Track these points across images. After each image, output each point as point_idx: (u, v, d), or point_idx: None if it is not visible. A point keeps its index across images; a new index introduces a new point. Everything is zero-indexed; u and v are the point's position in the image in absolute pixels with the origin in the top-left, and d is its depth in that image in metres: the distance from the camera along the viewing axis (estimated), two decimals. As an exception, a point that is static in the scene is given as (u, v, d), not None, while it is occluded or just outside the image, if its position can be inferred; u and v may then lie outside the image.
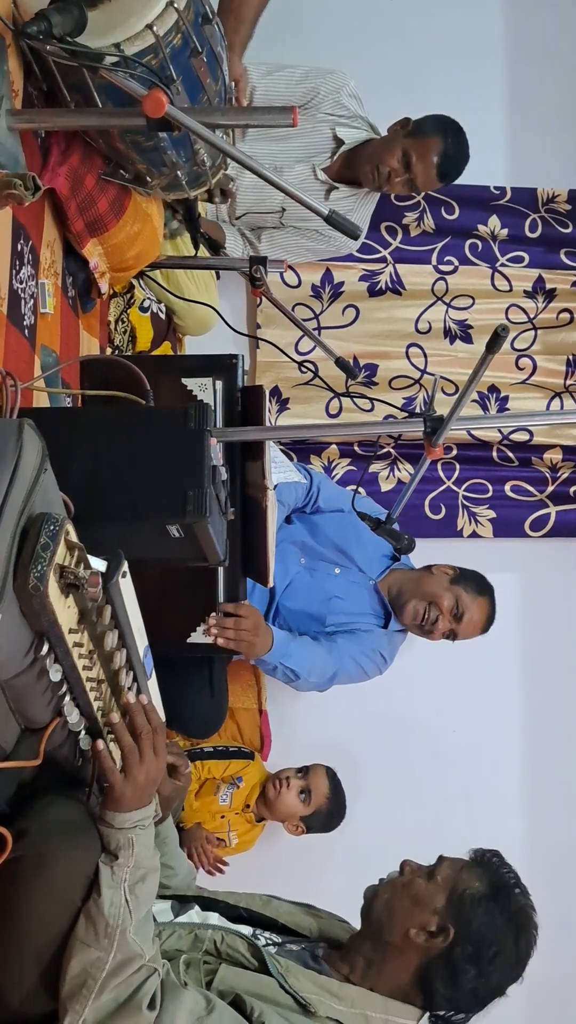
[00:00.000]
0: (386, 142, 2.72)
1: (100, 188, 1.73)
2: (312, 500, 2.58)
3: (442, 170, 2.68)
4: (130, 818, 1.26)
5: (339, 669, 2.42)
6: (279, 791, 2.58)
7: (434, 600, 2.47)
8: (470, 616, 2.48)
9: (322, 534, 2.56)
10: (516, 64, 3.32)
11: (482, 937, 1.43)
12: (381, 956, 1.48)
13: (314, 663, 2.33)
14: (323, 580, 2.52)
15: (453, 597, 2.47)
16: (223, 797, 2.60)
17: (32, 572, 0.97)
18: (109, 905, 1.21)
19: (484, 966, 1.43)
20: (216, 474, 1.44)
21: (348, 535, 2.54)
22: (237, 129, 2.41)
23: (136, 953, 1.23)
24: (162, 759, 1.32)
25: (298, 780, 2.59)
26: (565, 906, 2.84)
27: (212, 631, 1.98)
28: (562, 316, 3.24)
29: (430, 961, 1.44)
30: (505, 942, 1.45)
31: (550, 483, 3.20)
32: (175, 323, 2.58)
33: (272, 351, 2.97)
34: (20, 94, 1.53)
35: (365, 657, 2.48)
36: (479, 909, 1.44)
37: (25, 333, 1.60)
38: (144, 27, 1.43)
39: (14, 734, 1.16)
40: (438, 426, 1.66)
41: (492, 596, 2.54)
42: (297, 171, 2.80)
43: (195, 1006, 1.26)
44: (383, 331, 3.19)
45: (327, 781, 2.61)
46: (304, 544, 2.53)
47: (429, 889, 1.47)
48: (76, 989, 1.18)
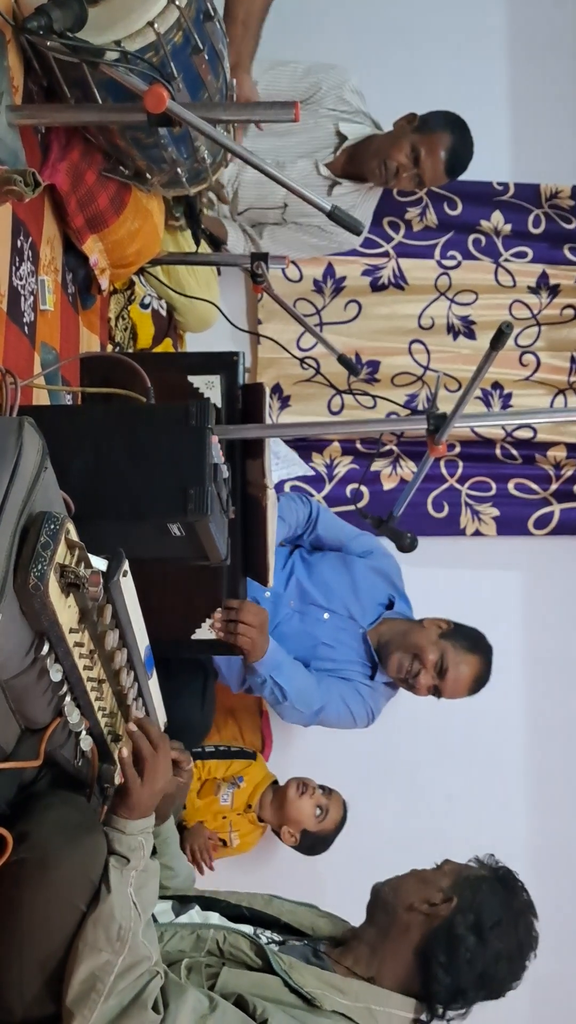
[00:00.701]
0: (393, 137, 2.71)
1: (100, 184, 1.73)
2: (312, 527, 2.54)
3: (450, 165, 2.68)
4: (138, 825, 1.30)
5: (326, 704, 2.36)
6: (301, 794, 2.56)
7: (418, 653, 2.36)
8: (455, 674, 2.36)
9: (317, 575, 2.50)
10: (519, 60, 3.30)
11: (483, 906, 1.48)
12: (383, 937, 1.51)
13: (302, 689, 2.28)
14: (312, 625, 2.45)
15: (439, 652, 2.36)
16: (224, 797, 2.59)
17: (32, 571, 0.96)
18: (120, 908, 1.21)
19: (485, 934, 1.46)
20: (217, 472, 1.43)
21: (343, 580, 2.49)
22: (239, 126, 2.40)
23: (144, 955, 1.24)
24: (170, 768, 1.39)
25: (321, 796, 2.57)
26: (568, 905, 2.84)
27: (217, 626, 1.97)
28: (566, 312, 3.23)
29: (432, 933, 1.47)
30: (505, 916, 1.49)
31: (554, 481, 3.18)
32: (176, 320, 2.57)
33: (273, 348, 2.97)
34: (20, 90, 1.52)
35: (354, 702, 2.42)
36: (483, 885, 1.51)
37: (25, 330, 1.59)
38: (145, 24, 1.42)
39: (14, 734, 1.15)
40: (441, 424, 1.65)
41: (486, 655, 2.42)
42: (300, 166, 2.80)
43: (198, 1004, 1.26)
44: (386, 327, 3.18)
45: (342, 812, 2.59)
46: (299, 584, 2.47)
47: (436, 873, 1.56)
48: (84, 994, 1.18)
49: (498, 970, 1.47)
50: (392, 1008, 1.45)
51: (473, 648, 2.40)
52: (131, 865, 1.25)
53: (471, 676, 2.39)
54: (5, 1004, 1.20)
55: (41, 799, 1.25)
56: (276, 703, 2.29)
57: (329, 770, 2.70)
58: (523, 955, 1.50)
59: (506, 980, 1.49)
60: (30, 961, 1.19)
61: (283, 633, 2.41)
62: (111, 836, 1.28)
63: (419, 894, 1.51)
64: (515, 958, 1.49)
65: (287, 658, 2.25)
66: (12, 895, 1.16)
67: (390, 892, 1.55)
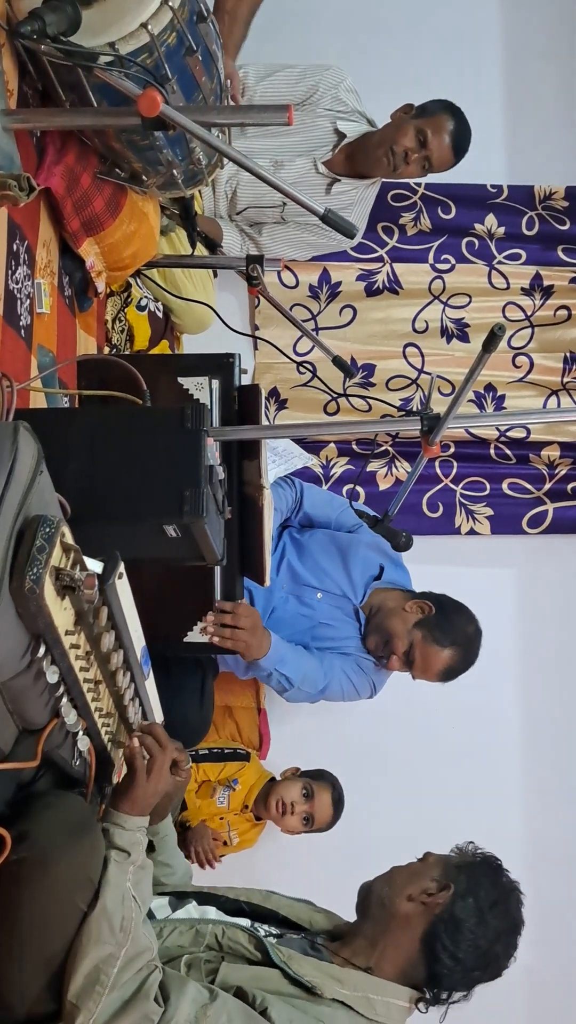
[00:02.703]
0: (396, 125, 2.73)
1: (96, 187, 1.73)
2: (298, 507, 2.55)
3: (455, 144, 2.69)
4: (139, 821, 1.33)
5: (330, 682, 2.39)
6: (283, 815, 2.56)
7: (390, 639, 2.39)
8: (423, 664, 2.38)
9: (308, 556, 2.50)
10: (513, 61, 3.31)
11: (479, 889, 1.52)
12: (383, 930, 1.53)
13: (307, 672, 2.31)
14: (307, 607, 2.47)
15: (408, 641, 2.37)
16: (220, 799, 2.60)
17: (28, 574, 0.97)
18: (122, 900, 1.23)
19: (485, 915, 1.50)
20: (213, 474, 1.44)
21: (333, 558, 2.50)
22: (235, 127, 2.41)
23: (145, 946, 1.26)
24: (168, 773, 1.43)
25: (303, 806, 2.57)
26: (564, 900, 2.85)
27: (209, 629, 1.98)
28: (559, 313, 3.24)
29: (435, 919, 1.50)
30: (499, 896, 1.53)
31: (547, 480, 3.19)
32: (173, 322, 2.57)
33: (270, 353, 2.98)
34: (15, 94, 1.53)
35: (356, 675, 2.45)
36: (474, 870, 1.55)
37: (21, 333, 1.59)
38: (139, 26, 1.42)
39: (12, 735, 1.16)
40: (435, 424, 1.66)
41: (464, 647, 2.40)
42: (298, 165, 2.81)
43: (199, 995, 1.28)
44: (380, 331, 3.19)
45: (331, 809, 2.59)
46: (290, 566, 2.49)
47: (424, 865, 1.59)
48: (88, 987, 1.19)
49: (498, 948, 1.52)
50: (390, 997, 1.47)
51: (446, 640, 2.37)
52: (131, 859, 1.28)
53: (438, 669, 2.40)
54: (6, 1003, 1.20)
55: (40, 799, 1.25)
56: (283, 691, 2.33)
57: (325, 765, 2.71)
58: (517, 931, 1.55)
59: (503, 958, 1.53)
60: (30, 960, 1.19)
61: (279, 618, 2.43)
62: (112, 831, 1.30)
63: (415, 886, 1.53)
64: (511, 934, 1.54)
65: (288, 648, 2.27)
66: (12, 894, 1.16)
67: (383, 887, 1.57)
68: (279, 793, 2.58)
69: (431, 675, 2.42)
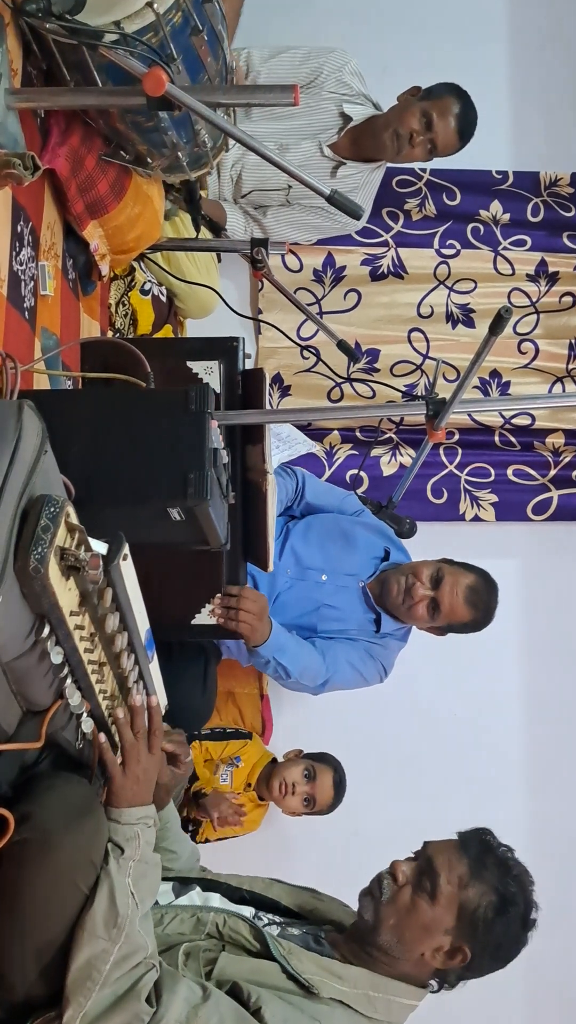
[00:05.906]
0: (401, 108, 2.72)
1: (100, 169, 1.72)
2: (300, 497, 2.55)
3: (461, 128, 2.67)
4: (133, 814, 1.31)
5: (332, 676, 2.37)
6: (284, 796, 2.57)
7: (414, 570, 2.37)
8: (452, 581, 2.31)
9: (311, 539, 2.49)
10: (518, 47, 3.29)
11: (498, 946, 1.47)
12: (392, 961, 1.48)
13: (307, 666, 2.29)
14: (312, 590, 2.45)
15: (435, 567, 2.34)
16: (223, 777, 2.61)
17: (32, 554, 0.96)
18: (118, 896, 1.22)
19: (501, 960, 1.49)
20: (217, 457, 1.43)
21: (337, 540, 2.48)
22: (240, 109, 2.40)
23: (140, 946, 1.24)
24: (157, 757, 1.38)
25: (304, 787, 2.58)
26: (566, 888, 2.86)
27: (217, 611, 1.98)
28: (565, 299, 3.23)
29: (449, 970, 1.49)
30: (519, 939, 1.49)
31: (552, 467, 3.19)
32: (176, 306, 2.57)
33: (274, 338, 2.97)
34: (19, 73, 1.52)
35: (363, 663, 2.43)
36: (493, 924, 1.45)
37: (25, 315, 1.59)
38: (144, 5, 1.41)
39: (16, 716, 1.16)
40: (440, 409, 1.65)
41: (488, 582, 2.37)
42: (304, 148, 2.80)
43: (191, 995, 1.27)
44: (385, 316, 3.18)
45: (332, 791, 2.59)
46: (293, 550, 2.47)
47: (436, 913, 1.46)
48: (81, 981, 1.19)
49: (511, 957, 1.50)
50: (391, 995, 1.45)
51: (472, 568, 2.37)
52: (127, 855, 1.26)
53: (466, 592, 2.33)
54: (8, 983, 1.21)
55: (43, 780, 1.25)
56: (281, 680, 2.32)
57: (327, 750, 2.71)
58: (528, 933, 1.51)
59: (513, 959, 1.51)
60: (32, 941, 1.20)
61: (284, 602, 2.41)
62: (108, 825, 1.28)
63: (427, 943, 1.46)
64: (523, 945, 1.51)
65: (289, 638, 2.26)
66: (14, 875, 1.17)
67: (392, 937, 1.47)
68: (281, 774, 2.59)
69: (458, 601, 2.33)
